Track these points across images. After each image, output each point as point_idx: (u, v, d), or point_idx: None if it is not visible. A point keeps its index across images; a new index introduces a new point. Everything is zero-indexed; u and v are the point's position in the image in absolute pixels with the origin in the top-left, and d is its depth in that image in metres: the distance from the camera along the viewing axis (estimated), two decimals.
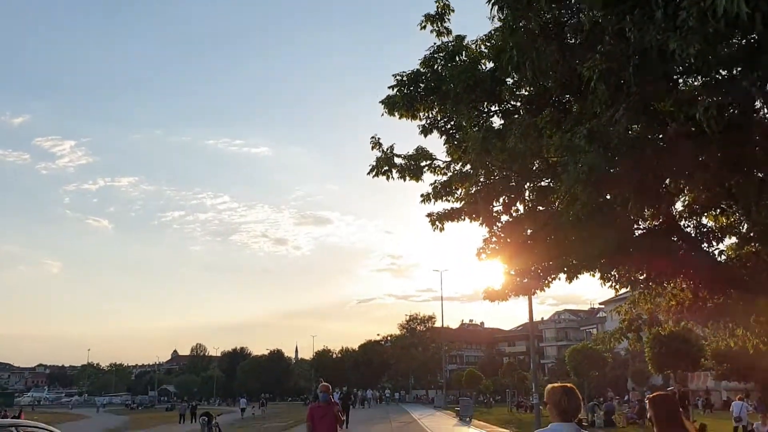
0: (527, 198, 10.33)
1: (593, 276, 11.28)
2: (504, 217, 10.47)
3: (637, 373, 54.48)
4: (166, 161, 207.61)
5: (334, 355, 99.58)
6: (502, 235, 11.37)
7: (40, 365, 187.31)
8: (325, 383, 10.81)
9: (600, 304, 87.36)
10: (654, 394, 4.25)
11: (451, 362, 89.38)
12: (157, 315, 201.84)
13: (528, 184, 10.02)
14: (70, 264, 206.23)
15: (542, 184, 9.94)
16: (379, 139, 11.16)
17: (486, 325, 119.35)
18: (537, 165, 9.30)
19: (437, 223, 10.91)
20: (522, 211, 10.46)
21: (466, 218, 10.65)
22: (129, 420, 50.34)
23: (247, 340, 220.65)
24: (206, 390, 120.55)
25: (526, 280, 11.48)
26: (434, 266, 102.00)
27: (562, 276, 11.41)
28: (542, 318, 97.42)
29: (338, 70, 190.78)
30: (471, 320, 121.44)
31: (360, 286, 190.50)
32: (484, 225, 10.50)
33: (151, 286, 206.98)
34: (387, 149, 11.12)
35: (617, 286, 10.57)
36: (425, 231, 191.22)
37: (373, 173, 11.28)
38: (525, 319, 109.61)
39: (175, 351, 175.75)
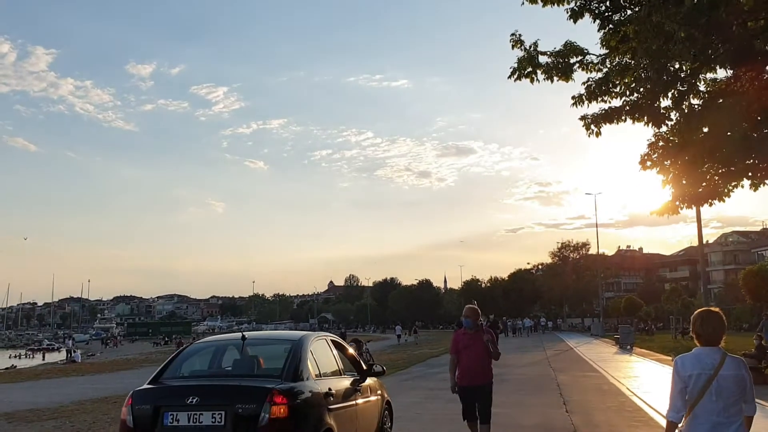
0: (703, 90, 8.61)
1: None
2: (674, 114, 8.80)
3: None
4: (312, 102, 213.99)
5: (483, 285, 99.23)
6: (672, 138, 9.75)
7: (213, 297, 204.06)
8: (472, 305, 8.44)
9: None
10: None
11: (607, 290, 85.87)
12: (312, 248, 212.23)
13: (705, 72, 8.28)
14: (232, 204, 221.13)
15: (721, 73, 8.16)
16: (520, 35, 9.72)
17: (645, 251, 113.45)
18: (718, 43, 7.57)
19: (592, 126, 9.43)
20: (697, 105, 8.74)
21: (628, 118, 9.08)
22: None
23: (396, 271, 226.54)
24: (361, 317, 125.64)
25: (700, 189, 9.83)
26: (586, 191, 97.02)
27: (746, 183, 9.64)
28: (707, 241, 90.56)
29: None
30: (628, 246, 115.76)
31: (507, 215, 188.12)
32: (649, 125, 8.92)
33: (305, 221, 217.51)
34: (530, 47, 9.68)
35: None
36: (575, 154, 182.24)
37: (515, 76, 9.91)
38: (686, 244, 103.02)
39: (331, 282, 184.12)
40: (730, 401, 3.65)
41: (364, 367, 7.89)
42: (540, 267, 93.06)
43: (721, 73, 8.67)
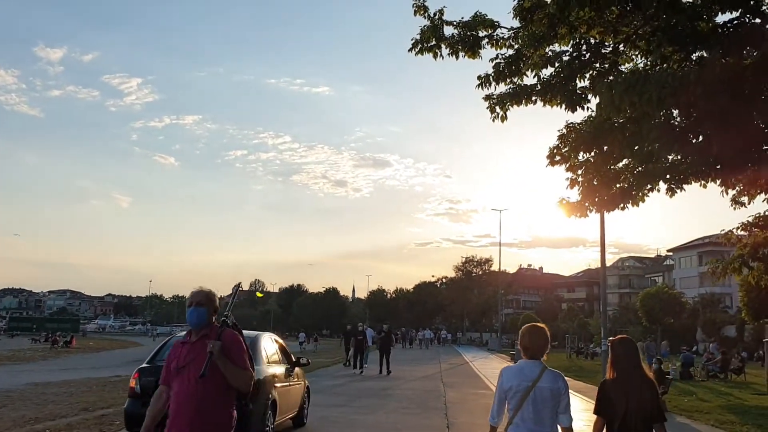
0: (625, 70, 7.50)
1: (705, 186, 8.49)
2: (593, 99, 7.64)
3: (708, 323, 50.98)
4: (229, 100, 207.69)
5: (389, 295, 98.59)
6: (586, 129, 8.64)
7: (108, 295, 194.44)
8: (201, 289, 4.27)
9: (668, 251, 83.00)
10: (616, 336, 4.41)
11: (507, 306, 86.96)
12: (219, 250, 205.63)
13: (628, 46, 7.16)
14: (138, 199, 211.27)
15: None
16: (423, 1, 8.43)
17: (544, 271, 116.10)
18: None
19: (497, 108, 8.18)
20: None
21: (539, 99, 7.87)
22: None
23: (304, 278, 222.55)
24: (264, 324, 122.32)
25: (613, 190, 8.76)
26: (493, 207, 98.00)
27: (663, 187, 8.64)
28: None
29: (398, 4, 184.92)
30: (529, 265, 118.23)
31: (418, 229, 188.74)
32: (563, 107, 7.74)
33: (214, 222, 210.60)
34: (435, 15, 8.37)
35: (744, 198, 7.72)
36: (485, 173, 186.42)
37: (417, 49, 8.59)
38: (584, 266, 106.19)
39: (235, 285, 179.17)
40: (545, 411, 3.90)
41: (293, 359, 10.45)
42: (444, 281, 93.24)
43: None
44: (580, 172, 8.62)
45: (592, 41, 7.26)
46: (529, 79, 7.84)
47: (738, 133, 6.51)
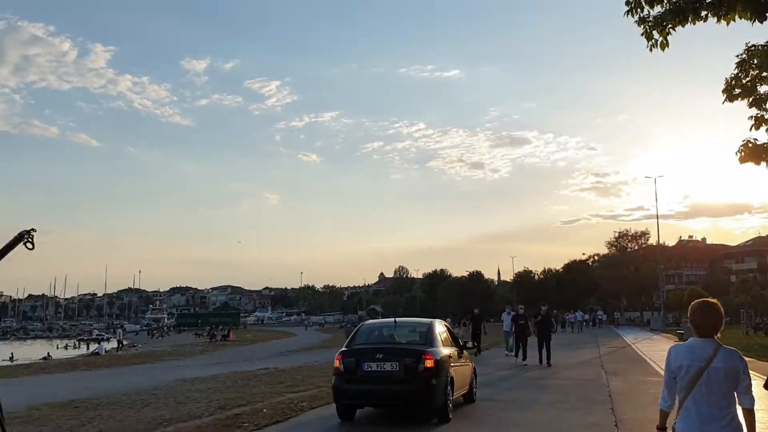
0: None
1: None
2: None
3: None
4: (364, 94, 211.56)
5: (536, 276, 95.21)
6: None
7: (266, 288, 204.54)
8: None
9: None
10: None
11: (668, 282, 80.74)
12: (363, 240, 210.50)
13: None
14: (286, 196, 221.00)
15: None
16: None
17: (707, 242, 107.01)
18: None
19: (655, 33, 6.40)
20: None
21: (709, 14, 6.04)
22: (330, 338, 50.99)
23: (447, 263, 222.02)
24: (410, 310, 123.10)
25: None
26: (646, 177, 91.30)
27: None
28: None
29: None
30: (690, 237, 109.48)
31: (563, 206, 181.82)
32: (750, 17, 5.86)
33: (357, 213, 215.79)
34: None
35: None
36: (634, 143, 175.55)
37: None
38: (751, 235, 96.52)
39: (381, 273, 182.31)
40: (719, 393, 3.61)
41: (461, 343, 11.54)
42: (596, 258, 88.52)
43: None
44: None
45: None
46: None
47: None
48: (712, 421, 3.59)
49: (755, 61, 6.84)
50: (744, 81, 6.91)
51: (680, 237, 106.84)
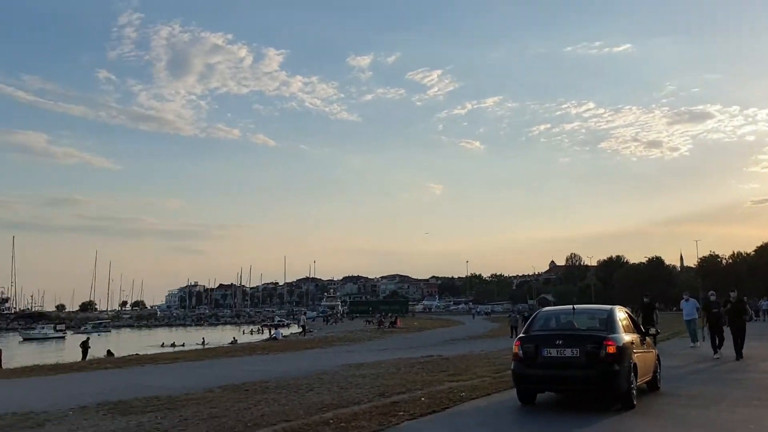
0: None
1: None
2: None
3: None
4: (527, 76, 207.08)
5: (724, 261, 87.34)
6: None
7: (432, 277, 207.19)
8: None
9: None
10: None
11: None
12: (531, 227, 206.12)
13: None
14: (449, 185, 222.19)
15: None
16: None
17: None
18: None
19: None
20: None
21: None
22: (497, 327, 50.17)
23: (622, 249, 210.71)
24: (584, 299, 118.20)
25: None
26: None
27: None
28: None
29: None
30: None
31: (753, 184, 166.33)
32: None
33: (524, 200, 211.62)
34: None
35: None
36: None
37: None
38: None
39: (552, 261, 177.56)
40: None
41: (642, 330, 11.17)
42: None
43: None
44: None
45: None
46: None
47: None
48: None
49: None
50: None
51: None
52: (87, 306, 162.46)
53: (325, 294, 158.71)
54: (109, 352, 38.77)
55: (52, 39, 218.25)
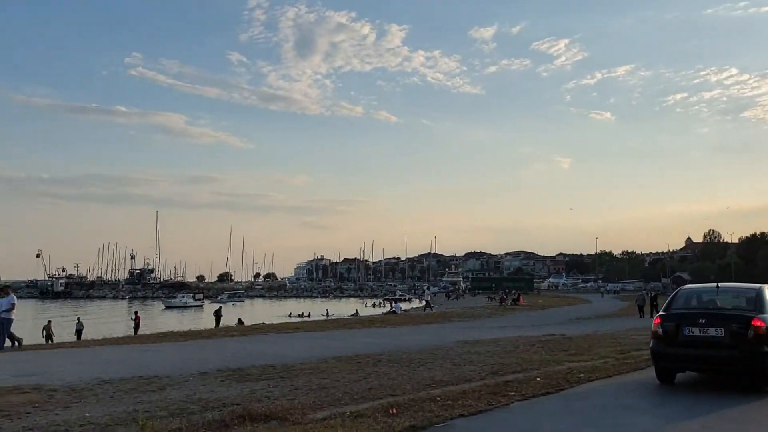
0: None
1: None
2: None
3: None
4: (661, 42, 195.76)
5: None
6: None
7: (560, 254, 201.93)
8: None
9: None
10: None
11: None
12: (664, 202, 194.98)
13: None
14: (577, 158, 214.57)
15: None
16: None
17: None
18: None
19: None
20: None
21: None
22: (626, 306, 47.92)
23: (767, 225, 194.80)
24: (723, 278, 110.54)
25: None
26: None
27: None
28: None
29: None
30: None
31: None
32: None
33: (657, 173, 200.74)
34: None
35: None
36: None
37: None
38: None
39: (688, 238, 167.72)
40: None
41: None
42: None
43: None
44: None
45: None
46: None
47: None
48: None
49: None
50: None
51: None
52: (224, 277, 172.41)
53: (447, 270, 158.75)
54: (240, 320, 40.84)
55: (187, 24, 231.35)
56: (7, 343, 16.68)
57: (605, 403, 8.36)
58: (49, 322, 32.84)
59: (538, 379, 10.29)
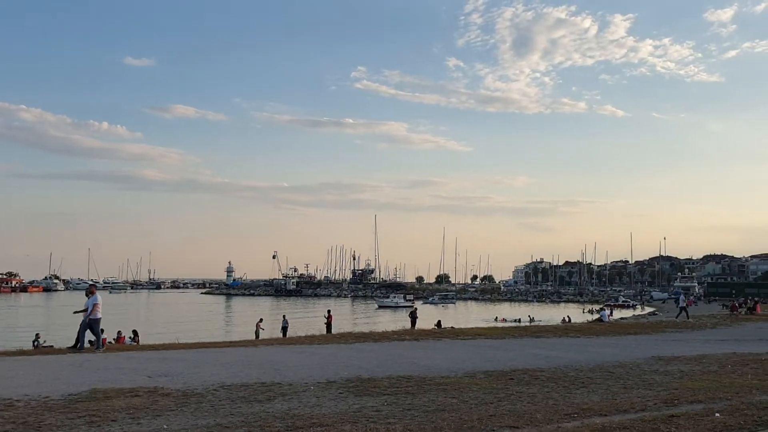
0: None
1: None
2: None
3: None
4: None
5: None
6: None
7: None
8: None
9: None
10: None
11: None
12: None
13: None
14: None
15: None
16: None
17: None
18: None
19: None
20: None
21: None
22: None
23: None
24: None
25: None
26: None
27: None
28: None
29: None
30: None
31: None
32: None
33: None
34: None
35: None
36: None
37: None
38: None
39: None
40: None
41: None
42: None
43: None
44: None
45: None
46: None
47: None
48: None
49: None
50: None
51: None
52: (441, 278, 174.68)
53: (679, 274, 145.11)
54: (438, 323, 40.22)
55: (406, 34, 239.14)
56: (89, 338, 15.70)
57: None
58: (261, 320, 35.03)
59: (717, 414, 7.97)
